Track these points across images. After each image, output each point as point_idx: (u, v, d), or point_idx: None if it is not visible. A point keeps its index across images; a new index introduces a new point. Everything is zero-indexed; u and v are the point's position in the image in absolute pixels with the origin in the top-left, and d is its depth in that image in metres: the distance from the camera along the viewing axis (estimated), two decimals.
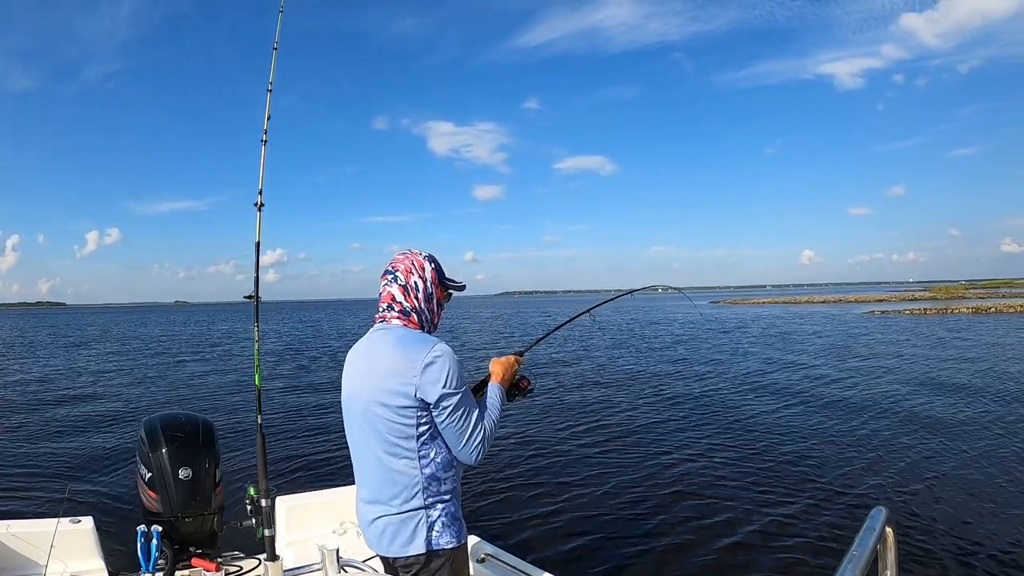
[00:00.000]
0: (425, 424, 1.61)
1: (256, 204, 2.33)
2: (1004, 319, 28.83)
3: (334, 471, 6.09)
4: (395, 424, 1.61)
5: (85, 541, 2.52)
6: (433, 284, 1.78)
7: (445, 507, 1.66)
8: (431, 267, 1.78)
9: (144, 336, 33.33)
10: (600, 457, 6.49)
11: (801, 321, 30.85)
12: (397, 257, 1.79)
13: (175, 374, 15.27)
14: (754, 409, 8.81)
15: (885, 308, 42.04)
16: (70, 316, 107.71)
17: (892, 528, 1.20)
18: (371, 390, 1.64)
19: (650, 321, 33.63)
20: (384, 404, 1.61)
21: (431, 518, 1.63)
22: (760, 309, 49.89)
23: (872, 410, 8.46)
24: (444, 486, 1.66)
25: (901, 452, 6.39)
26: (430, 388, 1.58)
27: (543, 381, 12.26)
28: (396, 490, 1.64)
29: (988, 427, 7.31)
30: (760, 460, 6.23)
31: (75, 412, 10.04)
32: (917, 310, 37.38)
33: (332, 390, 11.45)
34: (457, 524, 1.68)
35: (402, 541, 1.63)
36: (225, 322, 51.29)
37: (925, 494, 5.14)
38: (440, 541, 1.64)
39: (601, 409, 9.04)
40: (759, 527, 4.52)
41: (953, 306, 39.55)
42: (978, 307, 37.27)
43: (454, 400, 1.60)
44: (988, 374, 11.46)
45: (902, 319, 31.34)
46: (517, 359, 1.92)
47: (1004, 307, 36.01)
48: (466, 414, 1.63)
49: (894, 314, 35.50)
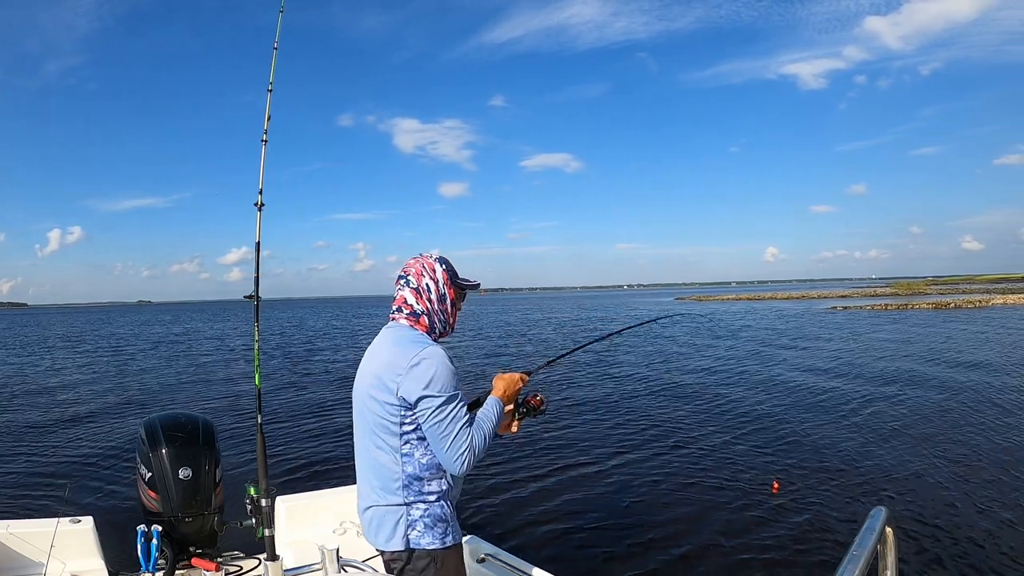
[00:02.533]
0: (409, 424, 1.64)
1: (256, 204, 2.33)
2: (964, 314, 29.50)
3: (334, 471, 6.09)
4: (380, 419, 1.66)
5: (85, 541, 2.52)
6: (446, 285, 1.80)
7: (428, 508, 1.67)
8: (442, 268, 1.80)
9: (141, 337, 33.34)
10: (600, 457, 6.49)
11: (774, 318, 30.87)
12: (409, 262, 1.82)
13: (175, 374, 15.27)
14: (753, 409, 8.81)
15: (847, 304, 42.47)
16: (29, 316, 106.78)
17: (892, 528, 1.20)
18: (366, 384, 1.71)
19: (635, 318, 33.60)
20: (373, 398, 1.67)
21: (411, 516, 1.66)
22: (726, 305, 50.43)
23: (869, 409, 8.46)
24: (428, 487, 1.67)
25: (901, 452, 6.39)
26: (411, 387, 1.60)
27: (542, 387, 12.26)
28: (380, 482, 1.68)
29: (988, 426, 7.31)
30: (759, 460, 6.23)
31: (75, 412, 10.04)
32: (878, 306, 37.90)
33: (331, 391, 11.46)
34: (443, 526, 1.68)
35: (385, 534, 1.67)
36: (193, 322, 51.02)
37: (925, 494, 5.14)
38: (421, 541, 1.65)
39: (600, 408, 9.04)
40: (759, 527, 4.53)
41: (914, 302, 40.28)
42: (938, 303, 37.84)
43: (435, 403, 1.60)
44: (982, 369, 11.46)
45: (863, 314, 31.92)
46: (523, 377, 1.89)
47: (963, 303, 36.73)
48: (450, 421, 1.61)
49: (856, 309, 36.00)
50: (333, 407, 9.59)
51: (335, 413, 9.03)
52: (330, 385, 12.22)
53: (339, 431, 7.76)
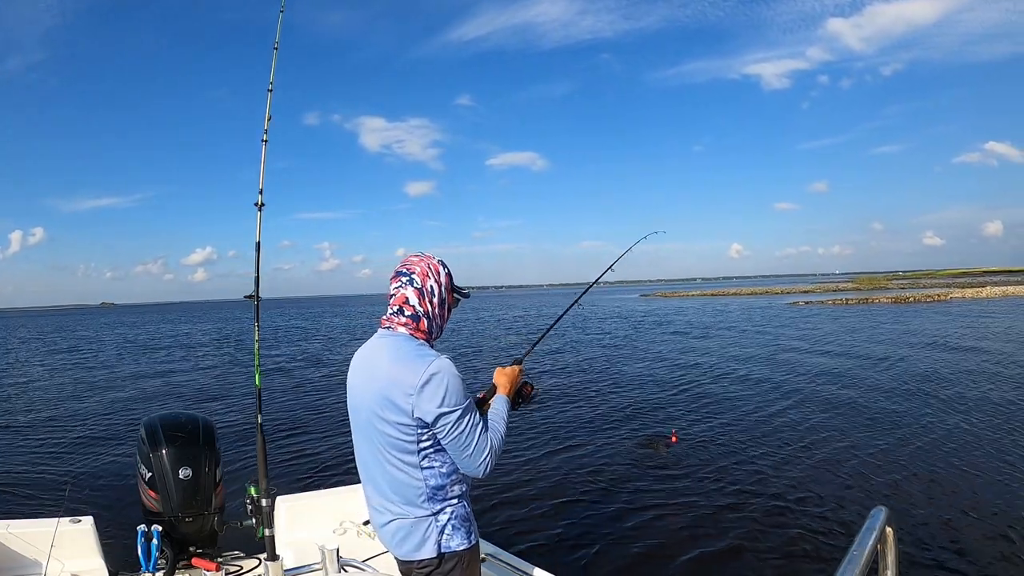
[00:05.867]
0: (427, 440, 1.59)
1: (256, 204, 2.33)
2: (923, 307, 29.80)
3: (334, 471, 6.09)
4: (395, 439, 1.59)
5: (85, 541, 2.52)
6: (447, 290, 1.73)
7: (454, 510, 1.65)
8: (445, 272, 1.73)
9: (128, 338, 33.37)
10: (600, 457, 6.49)
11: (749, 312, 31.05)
12: (411, 258, 1.73)
13: (173, 374, 15.27)
14: (753, 410, 8.80)
15: (809, 299, 42.66)
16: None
17: (892, 528, 1.20)
18: (371, 403, 1.62)
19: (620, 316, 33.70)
20: (384, 419, 1.59)
21: (440, 522, 1.63)
22: (690, 302, 50.60)
23: (866, 409, 8.45)
24: (452, 491, 1.65)
25: (900, 452, 6.38)
26: (427, 407, 1.54)
27: (539, 377, 12.25)
28: (401, 498, 1.63)
29: (988, 426, 7.31)
30: (759, 461, 6.23)
31: (75, 412, 10.04)
32: (839, 300, 38.18)
33: (330, 390, 11.45)
34: (467, 525, 1.67)
35: (413, 545, 1.63)
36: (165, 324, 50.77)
37: (925, 494, 5.13)
38: (451, 544, 1.63)
39: (600, 409, 9.04)
40: (758, 527, 4.52)
41: (875, 296, 40.86)
42: (898, 297, 38.31)
43: (453, 417, 1.56)
44: (981, 365, 11.46)
45: (826, 309, 32.18)
46: (520, 369, 1.89)
47: (922, 296, 37.31)
48: (468, 430, 1.59)
49: (818, 304, 36.22)
50: (333, 407, 9.59)
51: (335, 413, 9.03)
52: (330, 385, 12.23)
53: (339, 431, 7.76)
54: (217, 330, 36.49)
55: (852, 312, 29.23)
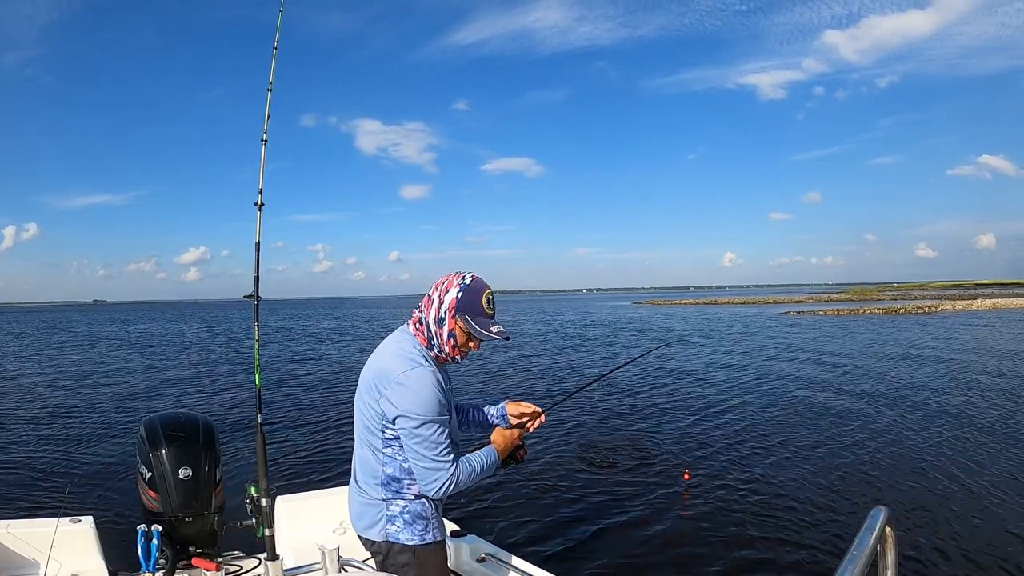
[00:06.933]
0: (391, 432, 1.69)
1: (256, 204, 2.33)
2: (913, 319, 29.81)
3: (334, 471, 6.08)
4: (369, 419, 1.72)
5: (85, 541, 2.52)
6: (448, 312, 1.69)
7: (408, 505, 1.72)
8: (455, 293, 1.70)
9: (128, 337, 33.37)
10: (600, 456, 6.50)
11: (753, 323, 31.04)
12: (451, 273, 1.78)
13: (172, 373, 15.27)
14: (753, 410, 8.81)
15: (801, 309, 42.96)
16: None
17: (892, 528, 1.20)
18: (364, 381, 1.77)
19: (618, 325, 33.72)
20: (365, 398, 1.74)
21: (391, 512, 1.72)
22: (680, 310, 50.90)
23: (865, 409, 8.46)
24: (408, 489, 1.72)
25: (900, 451, 6.39)
26: (389, 405, 1.65)
27: (536, 386, 12.25)
28: (364, 475, 1.77)
29: (987, 425, 7.31)
30: (758, 461, 6.23)
31: (75, 412, 10.03)
32: (831, 311, 38.50)
33: (330, 390, 11.45)
34: (423, 523, 1.73)
35: (365, 523, 1.76)
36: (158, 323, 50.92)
37: (925, 494, 5.14)
38: (400, 536, 1.71)
39: (599, 408, 9.04)
40: (758, 528, 4.53)
41: (866, 307, 41.26)
42: (888, 308, 38.68)
43: (410, 425, 1.63)
44: (969, 375, 11.47)
45: (817, 319, 32.15)
46: (520, 434, 1.95)
47: (913, 308, 37.72)
48: (427, 444, 1.64)
49: (809, 314, 36.34)
50: (333, 408, 9.59)
51: (335, 413, 9.03)
52: (329, 385, 12.22)
53: (339, 431, 7.76)
54: (215, 329, 36.49)
55: (840, 322, 29.13)
